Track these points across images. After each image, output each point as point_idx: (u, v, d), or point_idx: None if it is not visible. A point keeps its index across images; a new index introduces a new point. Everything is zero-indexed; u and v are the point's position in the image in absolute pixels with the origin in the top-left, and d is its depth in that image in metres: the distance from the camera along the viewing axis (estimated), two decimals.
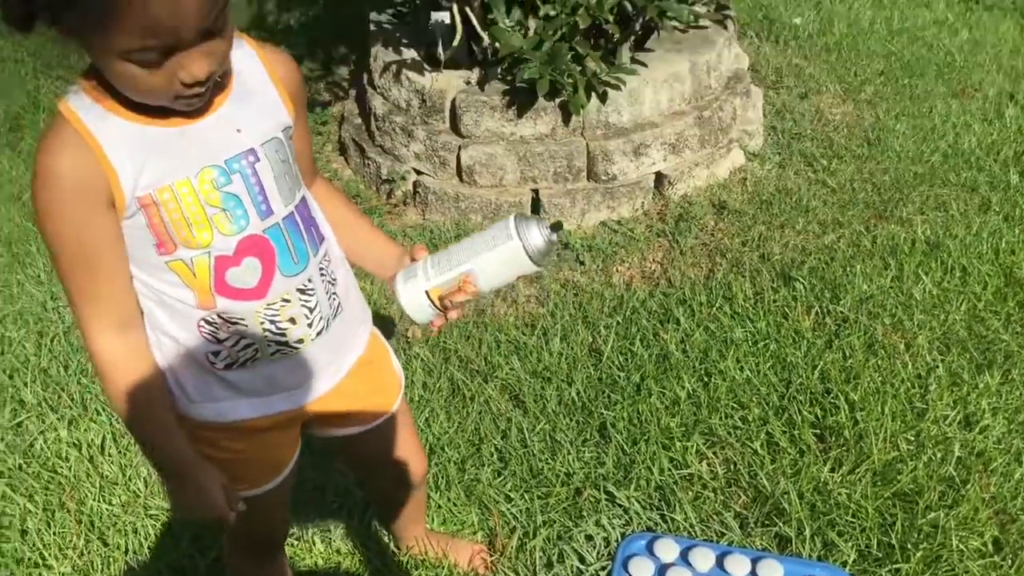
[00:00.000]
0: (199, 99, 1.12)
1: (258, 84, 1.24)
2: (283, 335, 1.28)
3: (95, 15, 0.98)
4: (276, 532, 1.65)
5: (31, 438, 2.44)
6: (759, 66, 4.05)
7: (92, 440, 2.41)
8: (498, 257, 1.29)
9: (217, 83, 1.15)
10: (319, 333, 1.33)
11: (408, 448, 1.68)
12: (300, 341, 1.31)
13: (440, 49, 3.25)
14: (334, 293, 1.36)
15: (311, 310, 1.30)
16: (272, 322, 1.26)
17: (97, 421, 2.46)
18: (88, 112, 1.10)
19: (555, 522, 2.10)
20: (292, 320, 1.28)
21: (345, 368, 1.43)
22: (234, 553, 1.71)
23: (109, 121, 1.11)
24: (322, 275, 1.32)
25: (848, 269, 2.82)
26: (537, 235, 1.28)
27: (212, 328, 1.24)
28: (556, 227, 1.30)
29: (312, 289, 1.30)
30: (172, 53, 1.03)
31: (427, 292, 1.33)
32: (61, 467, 2.35)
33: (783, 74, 4.00)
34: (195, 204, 1.16)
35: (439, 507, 2.17)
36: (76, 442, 2.41)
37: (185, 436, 1.28)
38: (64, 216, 1.11)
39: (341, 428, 1.52)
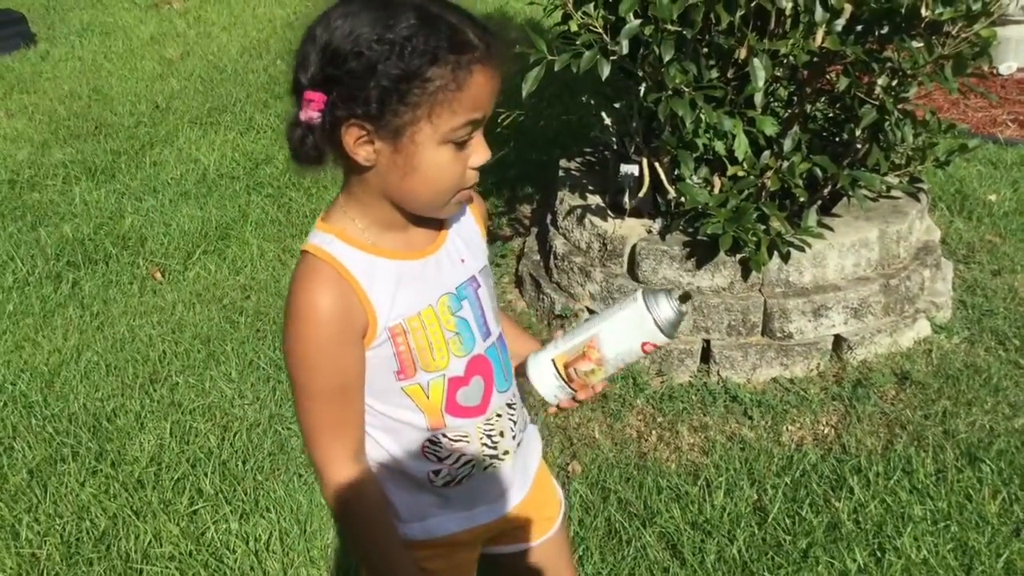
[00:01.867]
0: (469, 193, 1.22)
1: (467, 221, 1.37)
2: (495, 448, 1.36)
3: (445, 91, 1.09)
4: None
5: (204, 527, 2.57)
6: (950, 240, 3.95)
7: (260, 535, 2.51)
8: (623, 319, 1.30)
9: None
10: (519, 445, 1.41)
11: (567, 570, 1.67)
12: (506, 453, 1.38)
13: (626, 198, 3.36)
14: (522, 409, 1.44)
15: (515, 423, 1.39)
16: (489, 436, 1.34)
17: (267, 517, 2.57)
18: (342, 253, 1.19)
19: None
20: (502, 433, 1.37)
21: (531, 479, 1.49)
22: None
23: (361, 259, 1.20)
24: (516, 393, 1.41)
25: None
26: (665, 303, 1.29)
27: (435, 448, 1.31)
28: (684, 297, 1.31)
29: (515, 404, 1.39)
30: (473, 134, 1.15)
31: (553, 360, 1.35)
32: (227, 558, 2.45)
33: (975, 249, 3.88)
34: (437, 330, 1.24)
35: None
36: (244, 535, 2.52)
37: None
38: (323, 351, 1.17)
39: (515, 544, 1.54)
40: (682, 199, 3.18)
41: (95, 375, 3.34)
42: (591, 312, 3.41)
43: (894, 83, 3.01)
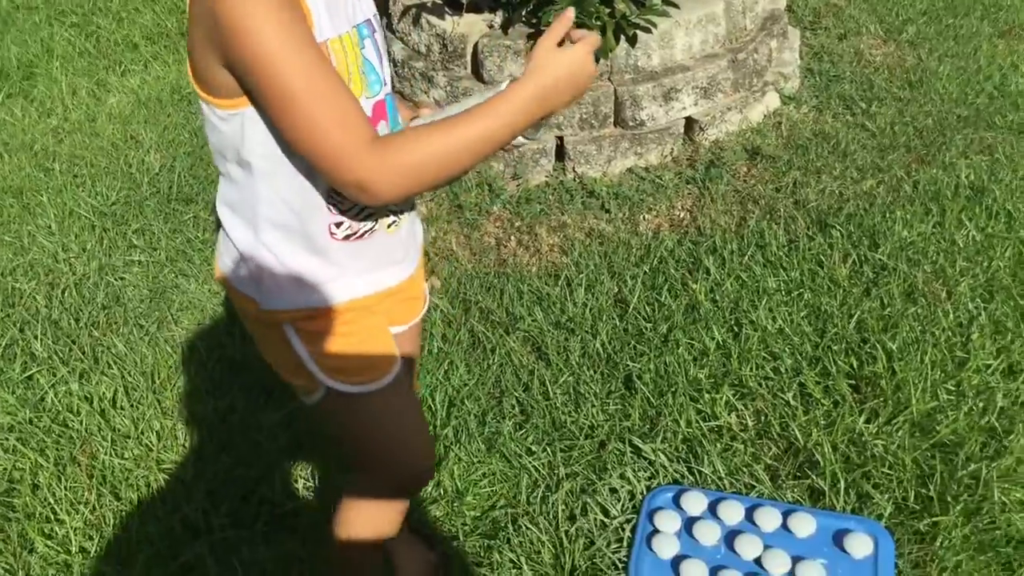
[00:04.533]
0: None
1: None
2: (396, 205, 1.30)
3: None
4: (414, 450, 1.49)
5: (42, 392, 2.39)
6: (796, 7, 3.88)
7: (104, 394, 2.36)
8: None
9: None
10: (411, 208, 1.38)
11: (416, 363, 1.67)
12: (401, 213, 1.34)
13: None
14: None
15: None
16: None
17: (108, 374, 2.41)
18: None
19: (578, 475, 2.02)
20: None
21: (419, 253, 1.46)
22: (368, 493, 1.53)
23: None
24: None
25: (888, 215, 2.69)
26: None
27: (338, 198, 1.23)
28: None
29: None
30: None
31: None
32: (72, 421, 2.30)
33: (821, 15, 3.82)
34: (354, 61, 1.17)
35: (459, 459, 2.09)
36: (87, 396, 2.36)
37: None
38: (286, 37, 1.03)
39: (397, 323, 1.48)
40: None
41: None
42: None
43: None
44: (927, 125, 3.11)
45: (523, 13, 3.09)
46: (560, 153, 3.09)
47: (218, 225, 1.33)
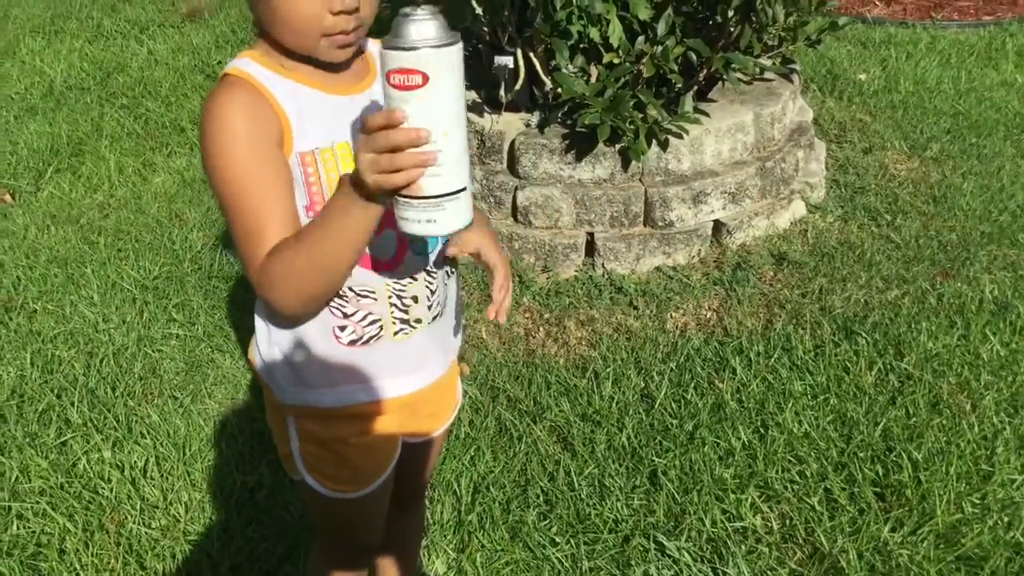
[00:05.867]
0: (346, 39, 1.16)
1: None
2: (406, 312, 1.31)
3: None
4: (371, 539, 1.59)
5: (75, 458, 2.43)
6: (822, 120, 4.00)
7: (135, 462, 2.39)
8: None
9: (359, 53, 1.23)
10: (435, 319, 1.36)
11: (429, 471, 1.68)
12: (418, 321, 1.33)
13: (502, 92, 3.25)
14: (447, 285, 1.39)
15: (432, 293, 1.33)
16: (399, 297, 1.29)
17: (141, 444, 2.45)
18: (257, 72, 1.17)
19: (601, 569, 2.02)
20: (415, 299, 1.31)
21: (445, 365, 1.44)
22: (324, 561, 1.65)
23: (278, 80, 1.17)
24: (444, 264, 1.36)
25: (913, 326, 2.73)
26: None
27: (341, 302, 1.26)
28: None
29: (435, 274, 1.33)
30: None
31: None
32: (103, 488, 2.33)
33: (847, 128, 3.94)
34: (346, 168, 1.18)
35: (483, 547, 2.10)
36: (119, 464, 2.40)
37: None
38: (239, 148, 1.12)
39: (414, 435, 1.51)
40: (559, 90, 3.09)
41: None
42: None
43: None
44: (951, 240, 3.18)
45: (559, 115, 3.22)
46: (590, 249, 3.17)
47: None
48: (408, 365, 1.36)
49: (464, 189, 1.02)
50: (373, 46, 1.32)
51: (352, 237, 1.08)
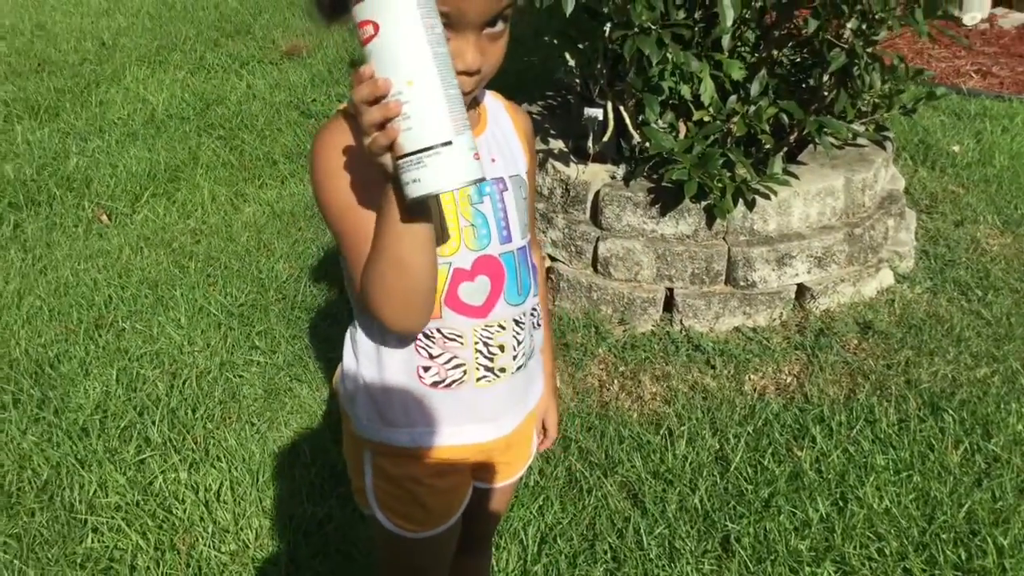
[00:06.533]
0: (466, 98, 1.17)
1: (506, 130, 1.35)
2: (491, 360, 1.31)
3: None
4: None
5: (152, 476, 2.48)
6: (913, 189, 3.93)
7: (210, 485, 2.43)
8: None
9: (475, 105, 1.25)
10: (518, 368, 1.36)
11: (498, 517, 1.67)
12: (502, 370, 1.33)
13: (590, 143, 3.28)
14: (532, 337, 1.39)
15: (519, 343, 1.34)
16: (485, 344, 1.30)
17: (217, 467, 2.49)
18: None
19: None
20: (501, 347, 1.32)
21: (523, 415, 1.44)
22: None
23: None
24: (532, 315, 1.37)
25: (1002, 406, 2.64)
26: None
27: (428, 342, 1.28)
28: None
29: (523, 324, 1.34)
30: (453, 29, 1.08)
31: None
32: (176, 508, 2.37)
33: (938, 200, 3.86)
34: (452, 214, 1.22)
35: None
36: (194, 485, 2.44)
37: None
38: (343, 179, 1.14)
39: (486, 482, 1.51)
40: (647, 144, 3.10)
41: (37, 320, 3.21)
42: (552, 260, 3.34)
43: (863, 26, 2.94)
44: None
45: (645, 168, 3.22)
46: (669, 304, 3.14)
47: None
48: (487, 413, 1.36)
49: (449, 143, 0.96)
50: (490, 99, 1.35)
51: (397, 223, 1.07)
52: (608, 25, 2.89)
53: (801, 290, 3.15)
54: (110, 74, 5.55)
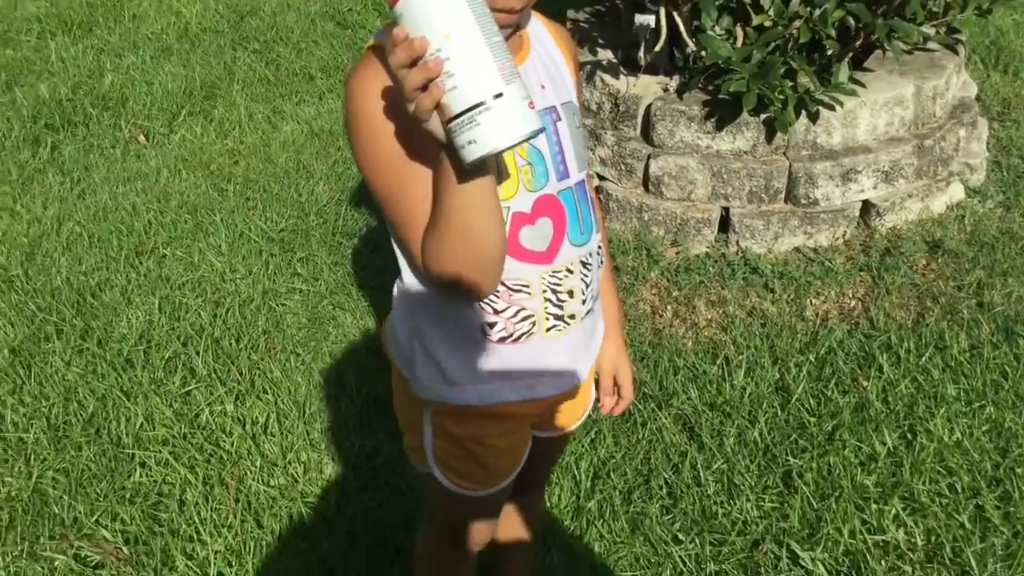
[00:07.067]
0: (508, 19, 1.07)
1: (552, 51, 1.24)
2: (561, 307, 1.22)
3: None
4: (488, 532, 1.55)
5: (198, 408, 2.44)
6: (985, 96, 3.69)
7: (256, 418, 2.40)
8: None
9: (518, 29, 1.14)
10: (587, 313, 1.27)
11: (554, 462, 1.63)
12: (572, 317, 1.24)
13: (641, 53, 3.09)
14: (598, 279, 1.30)
15: (587, 286, 1.25)
16: (554, 291, 1.21)
17: (263, 399, 2.45)
18: None
19: (728, 574, 1.91)
20: (571, 293, 1.23)
21: (592, 361, 1.36)
22: (434, 541, 1.62)
23: None
24: (598, 255, 1.28)
25: None
26: None
27: (492, 297, 1.18)
28: None
29: (590, 265, 1.25)
30: None
31: None
32: (224, 442, 2.34)
33: (1011, 106, 3.63)
34: (508, 154, 1.10)
35: (601, 536, 2.02)
36: (241, 418, 2.41)
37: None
38: (384, 130, 1.05)
39: (546, 430, 1.44)
40: (702, 53, 2.92)
41: (78, 247, 3.16)
42: (601, 179, 3.20)
43: None
44: None
45: (700, 80, 3.04)
46: (724, 224, 3.00)
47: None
48: (560, 363, 1.27)
49: (500, 95, 0.88)
50: (535, 21, 1.23)
51: (458, 192, 0.99)
52: None
53: (866, 207, 2.98)
54: None
